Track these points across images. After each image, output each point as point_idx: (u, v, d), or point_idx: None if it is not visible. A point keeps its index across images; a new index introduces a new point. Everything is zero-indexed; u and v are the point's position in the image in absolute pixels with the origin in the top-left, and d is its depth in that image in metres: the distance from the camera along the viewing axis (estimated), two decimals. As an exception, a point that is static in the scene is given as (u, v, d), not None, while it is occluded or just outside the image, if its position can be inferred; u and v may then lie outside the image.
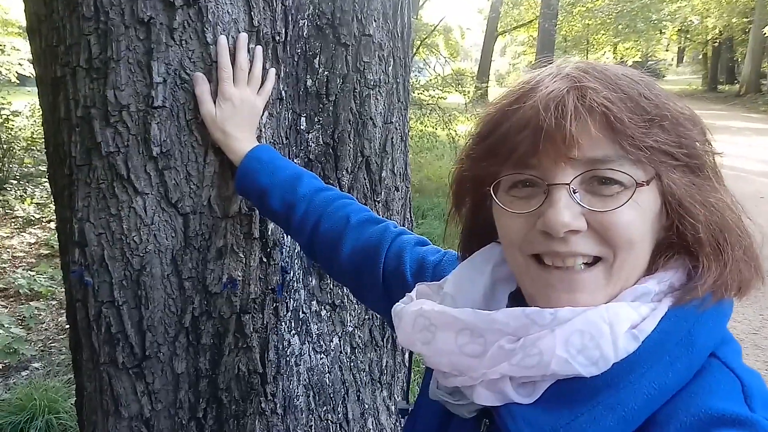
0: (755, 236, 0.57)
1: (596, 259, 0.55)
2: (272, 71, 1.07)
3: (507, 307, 0.63)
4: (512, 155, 0.55)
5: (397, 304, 0.66)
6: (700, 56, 25.33)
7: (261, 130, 1.09)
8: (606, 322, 0.51)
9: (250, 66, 1.04)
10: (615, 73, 0.55)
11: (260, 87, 1.06)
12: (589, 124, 0.52)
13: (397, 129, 1.33)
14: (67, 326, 1.22)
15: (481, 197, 0.62)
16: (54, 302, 3.80)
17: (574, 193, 0.53)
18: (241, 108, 1.01)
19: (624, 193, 0.53)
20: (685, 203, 0.54)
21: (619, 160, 0.53)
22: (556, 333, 0.52)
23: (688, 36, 23.81)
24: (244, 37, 1.01)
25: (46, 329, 3.50)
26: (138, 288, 1.05)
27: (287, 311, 1.23)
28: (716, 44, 21.95)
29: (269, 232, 1.15)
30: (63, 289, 1.22)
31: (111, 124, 0.98)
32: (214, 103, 1.00)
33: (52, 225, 4.98)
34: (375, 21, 1.21)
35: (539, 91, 0.54)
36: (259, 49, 1.04)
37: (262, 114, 1.08)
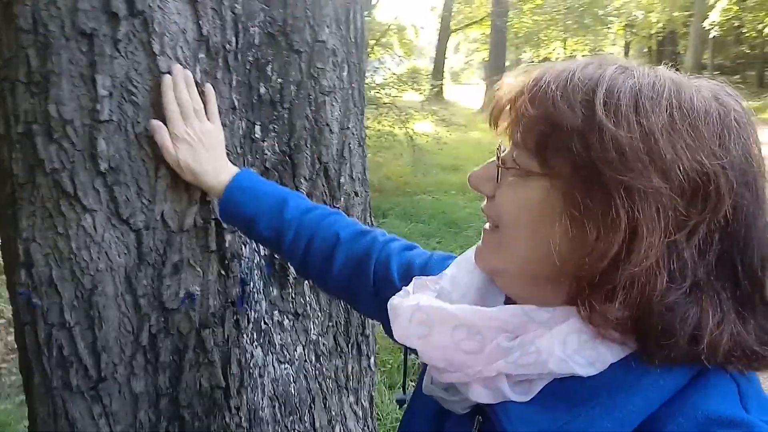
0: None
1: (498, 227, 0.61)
2: (208, 87, 1.02)
3: (505, 303, 0.64)
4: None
5: (393, 297, 0.66)
6: (645, 50, 26.22)
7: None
8: None
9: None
10: (576, 77, 0.54)
11: (206, 111, 1.01)
12: (512, 110, 0.58)
13: (354, 134, 1.33)
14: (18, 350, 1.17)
15: None
16: (2, 321, 3.63)
17: (504, 163, 0.59)
18: (197, 143, 0.97)
19: (515, 174, 0.58)
20: (573, 220, 0.52)
21: (521, 146, 0.57)
22: (554, 332, 0.53)
23: (633, 30, 24.61)
24: (177, 68, 0.97)
25: (-6, 349, 3.35)
26: (90, 308, 1.01)
27: (249, 323, 1.21)
28: (660, 38, 22.78)
29: (227, 244, 1.13)
30: (11, 308, 1.17)
31: (54, 140, 0.94)
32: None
33: (-2, 239, 4.76)
34: (328, 27, 1.20)
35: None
36: (189, 74, 0.99)
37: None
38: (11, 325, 3.43)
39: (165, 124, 0.96)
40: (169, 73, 0.97)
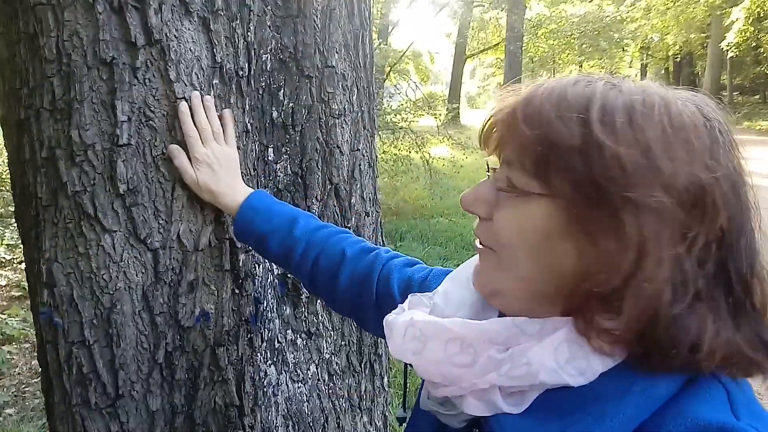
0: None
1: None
2: (227, 112, 1.07)
3: (498, 316, 0.64)
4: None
5: (389, 314, 0.67)
6: (662, 71, 26.13)
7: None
8: None
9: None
10: (569, 96, 0.55)
11: (224, 134, 1.06)
12: (504, 130, 0.58)
13: (364, 156, 1.36)
14: (40, 369, 1.21)
15: None
16: (27, 345, 3.70)
17: (497, 182, 0.59)
18: (217, 164, 1.02)
19: (513, 195, 0.57)
20: (582, 239, 0.53)
21: (518, 166, 0.57)
22: (545, 343, 0.53)
23: (649, 53, 24.59)
24: (195, 96, 1.02)
25: (19, 373, 3.40)
26: (109, 326, 1.04)
27: (262, 341, 1.23)
28: (677, 59, 22.71)
29: (240, 263, 1.16)
30: (35, 332, 1.21)
31: (77, 163, 0.98)
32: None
33: (24, 266, 4.86)
34: (337, 53, 1.24)
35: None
36: (208, 99, 1.04)
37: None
38: (35, 349, 3.49)
39: (185, 147, 1.02)
40: (186, 99, 1.02)
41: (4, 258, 5.24)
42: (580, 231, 0.52)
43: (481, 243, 0.62)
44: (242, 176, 1.14)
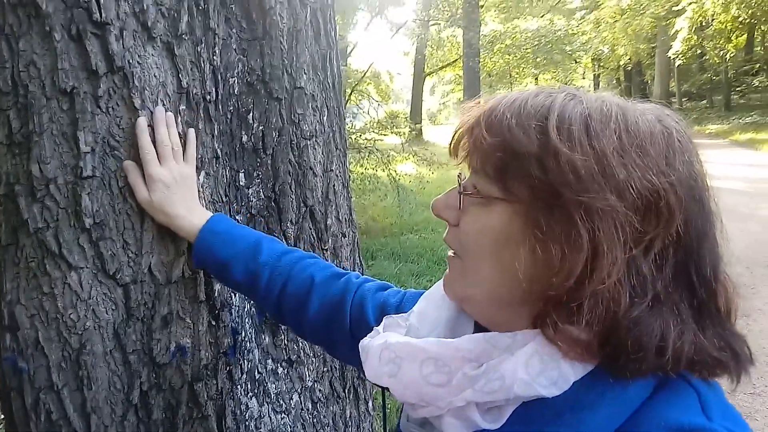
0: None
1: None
2: (191, 132, 1.03)
3: (474, 332, 0.64)
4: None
5: (364, 338, 0.66)
6: (614, 81, 27.00)
7: (199, 191, 1.06)
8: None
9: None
10: (529, 105, 0.57)
11: (184, 153, 1.01)
12: (469, 139, 0.60)
13: (338, 176, 1.34)
14: (2, 416, 1.13)
15: None
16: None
17: (465, 190, 0.60)
18: (174, 185, 0.97)
19: (477, 201, 0.59)
20: (537, 242, 0.54)
21: (481, 173, 0.59)
22: (517, 356, 0.54)
23: (601, 64, 25.39)
24: (159, 110, 0.98)
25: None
26: (78, 368, 0.99)
27: (242, 373, 1.18)
28: (628, 69, 23.52)
29: (216, 294, 1.11)
30: (-4, 378, 1.13)
31: (38, 199, 0.93)
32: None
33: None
34: (305, 74, 1.22)
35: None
36: (169, 116, 0.99)
37: (199, 174, 1.06)
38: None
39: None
40: (150, 117, 0.97)
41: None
42: (537, 235, 0.54)
43: (451, 250, 0.64)
44: (214, 203, 1.11)
